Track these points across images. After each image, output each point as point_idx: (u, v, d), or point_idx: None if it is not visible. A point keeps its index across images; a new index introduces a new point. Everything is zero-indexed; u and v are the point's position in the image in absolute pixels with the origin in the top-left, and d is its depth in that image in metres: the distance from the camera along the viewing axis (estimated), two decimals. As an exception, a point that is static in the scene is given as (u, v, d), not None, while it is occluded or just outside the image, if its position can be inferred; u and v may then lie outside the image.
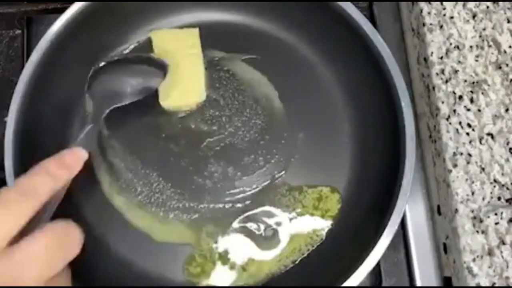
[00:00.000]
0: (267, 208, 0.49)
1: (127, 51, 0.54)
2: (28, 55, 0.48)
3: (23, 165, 0.45)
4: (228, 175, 0.50)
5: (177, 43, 0.52)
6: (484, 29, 0.48)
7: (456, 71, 0.47)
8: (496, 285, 0.41)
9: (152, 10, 0.53)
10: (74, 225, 0.34)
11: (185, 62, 0.52)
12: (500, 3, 0.48)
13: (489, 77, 0.46)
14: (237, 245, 0.48)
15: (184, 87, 0.51)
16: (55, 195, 0.36)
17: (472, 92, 0.46)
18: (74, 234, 0.34)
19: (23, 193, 0.33)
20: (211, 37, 0.53)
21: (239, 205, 0.49)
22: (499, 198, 0.43)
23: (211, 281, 0.48)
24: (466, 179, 0.44)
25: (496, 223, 0.43)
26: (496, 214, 0.43)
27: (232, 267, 0.48)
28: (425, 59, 0.48)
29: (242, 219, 0.49)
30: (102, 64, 0.49)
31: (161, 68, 0.50)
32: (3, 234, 0.31)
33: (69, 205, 0.50)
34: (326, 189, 0.50)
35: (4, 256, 0.31)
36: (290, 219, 0.49)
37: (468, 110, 0.46)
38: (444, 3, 0.49)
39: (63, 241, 0.33)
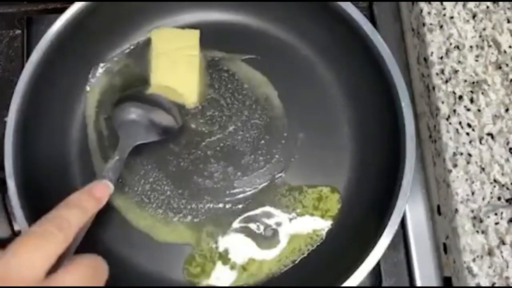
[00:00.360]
0: (267, 208, 0.49)
1: (127, 51, 0.54)
2: (28, 55, 0.48)
3: (23, 165, 0.46)
4: (228, 175, 0.50)
5: (176, 43, 0.52)
6: (484, 29, 0.48)
7: (456, 71, 0.47)
8: (496, 285, 0.41)
9: (152, 10, 0.53)
10: (102, 260, 0.36)
11: (182, 62, 0.52)
12: (500, 3, 0.48)
13: (489, 77, 0.46)
14: (237, 245, 0.48)
15: (178, 88, 0.51)
16: (83, 226, 0.37)
17: (472, 92, 0.46)
18: (103, 268, 0.36)
19: (58, 226, 0.34)
20: (211, 37, 0.53)
21: (239, 205, 0.49)
22: (499, 198, 0.43)
23: (211, 281, 0.48)
24: (466, 179, 0.44)
25: (496, 223, 0.43)
26: (496, 214, 0.43)
27: (232, 267, 0.48)
28: (425, 59, 0.48)
29: (242, 219, 0.49)
30: (125, 94, 0.50)
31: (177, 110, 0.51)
32: (43, 265, 0.32)
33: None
34: (326, 189, 0.50)
35: (44, 283, 0.32)
36: (290, 219, 0.49)
37: (468, 110, 0.46)
38: (444, 3, 0.49)
39: (94, 275, 0.35)
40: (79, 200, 0.38)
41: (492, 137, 0.45)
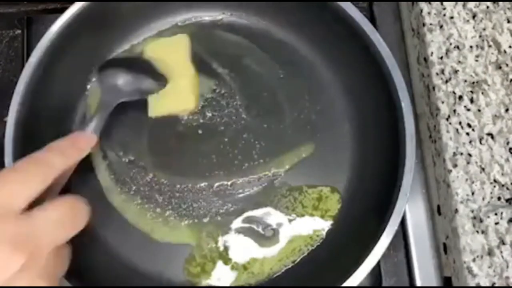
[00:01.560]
0: (267, 208, 0.49)
1: (127, 51, 0.54)
2: (28, 55, 0.48)
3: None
4: (228, 175, 0.50)
5: (168, 53, 0.51)
6: (484, 29, 0.48)
7: (456, 71, 0.47)
8: (496, 285, 0.41)
9: (152, 9, 0.53)
10: (82, 200, 0.37)
11: (176, 70, 0.51)
12: (500, 3, 0.48)
13: (489, 77, 0.46)
14: (237, 245, 0.48)
15: (176, 95, 0.51)
16: (60, 177, 0.37)
17: (472, 92, 0.46)
18: (83, 207, 0.37)
19: (38, 166, 0.35)
20: (209, 37, 0.53)
21: (239, 205, 0.49)
22: (499, 198, 0.43)
23: (212, 281, 0.48)
24: (466, 179, 0.44)
25: (496, 223, 0.43)
26: (496, 214, 0.43)
27: (233, 267, 0.48)
28: (425, 59, 0.48)
29: (242, 219, 0.49)
30: (110, 57, 0.50)
31: (160, 79, 0.50)
32: (23, 198, 0.33)
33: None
34: (326, 189, 0.50)
35: (23, 218, 0.32)
36: (290, 220, 0.49)
37: (468, 110, 0.46)
38: (444, 3, 0.49)
39: (75, 212, 0.35)
40: (62, 147, 0.39)
41: (492, 137, 0.45)
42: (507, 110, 0.45)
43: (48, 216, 0.33)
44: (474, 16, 0.48)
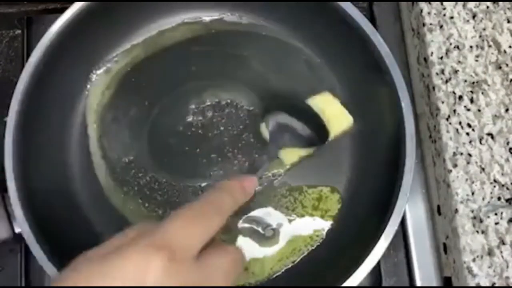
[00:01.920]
0: (267, 208, 0.49)
1: (127, 51, 0.54)
2: (28, 55, 0.48)
3: (23, 165, 0.46)
4: (228, 176, 0.50)
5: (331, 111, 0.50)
6: (484, 29, 0.48)
7: (456, 71, 0.47)
8: (496, 285, 0.41)
9: (152, 10, 0.53)
10: (243, 252, 0.37)
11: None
12: (500, 3, 0.48)
13: (489, 77, 0.46)
14: (237, 245, 0.48)
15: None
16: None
17: (472, 92, 0.46)
18: (244, 259, 0.37)
19: (216, 209, 0.35)
20: (210, 37, 0.53)
21: (239, 205, 0.50)
22: (499, 198, 0.43)
23: (211, 281, 0.48)
24: (466, 179, 0.44)
25: (496, 223, 0.43)
26: (496, 214, 0.43)
27: (232, 267, 0.48)
28: (425, 59, 0.48)
29: (243, 219, 0.49)
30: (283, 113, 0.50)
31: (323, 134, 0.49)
32: (199, 242, 0.32)
33: (69, 204, 0.50)
34: (326, 189, 0.50)
35: (198, 264, 0.32)
36: (290, 220, 0.49)
37: (468, 110, 0.46)
38: (444, 3, 0.49)
39: (238, 264, 0.35)
40: (233, 189, 0.38)
41: (492, 137, 0.45)
42: (507, 110, 0.45)
43: (219, 265, 0.33)
44: (474, 16, 0.48)
